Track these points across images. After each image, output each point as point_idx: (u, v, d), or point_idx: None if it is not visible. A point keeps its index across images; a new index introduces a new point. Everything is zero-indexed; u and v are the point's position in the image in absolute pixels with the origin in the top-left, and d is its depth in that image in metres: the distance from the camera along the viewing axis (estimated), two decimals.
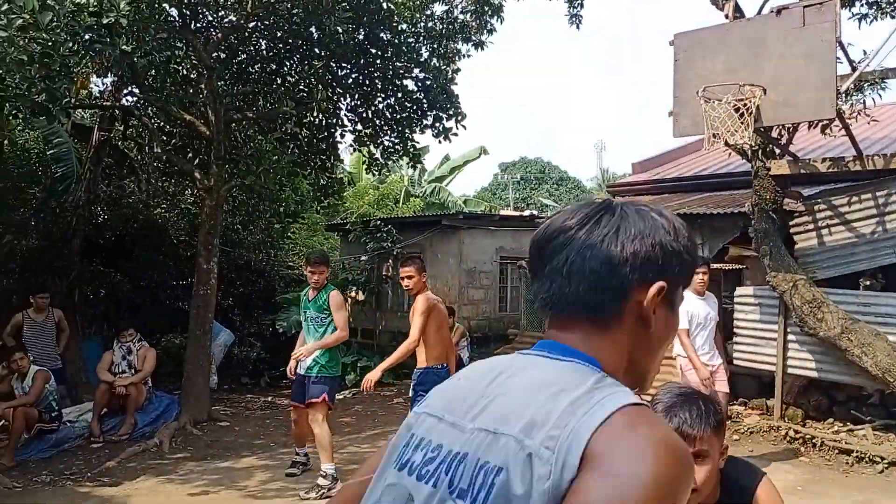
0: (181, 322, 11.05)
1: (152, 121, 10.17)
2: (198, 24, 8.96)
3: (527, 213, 18.61)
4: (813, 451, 6.90)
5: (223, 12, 8.84)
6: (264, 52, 9.82)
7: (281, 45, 9.55)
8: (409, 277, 5.52)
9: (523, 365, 1.03)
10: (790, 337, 7.60)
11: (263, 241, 13.30)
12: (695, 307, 6.30)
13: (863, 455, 6.58)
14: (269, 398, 10.06)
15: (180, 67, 9.69)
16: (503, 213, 19.20)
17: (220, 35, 8.90)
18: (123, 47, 7.70)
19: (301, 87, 9.69)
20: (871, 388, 7.36)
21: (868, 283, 7.95)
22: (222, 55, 9.22)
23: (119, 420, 7.92)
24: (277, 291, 12.83)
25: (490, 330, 12.85)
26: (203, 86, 9.00)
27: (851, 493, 5.75)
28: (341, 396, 10.09)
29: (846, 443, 6.83)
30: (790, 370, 7.65)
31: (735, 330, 8.27)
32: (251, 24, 9.02)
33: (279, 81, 9.94)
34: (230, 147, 9.55)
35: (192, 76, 9.83)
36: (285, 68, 9.90)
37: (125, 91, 10.20)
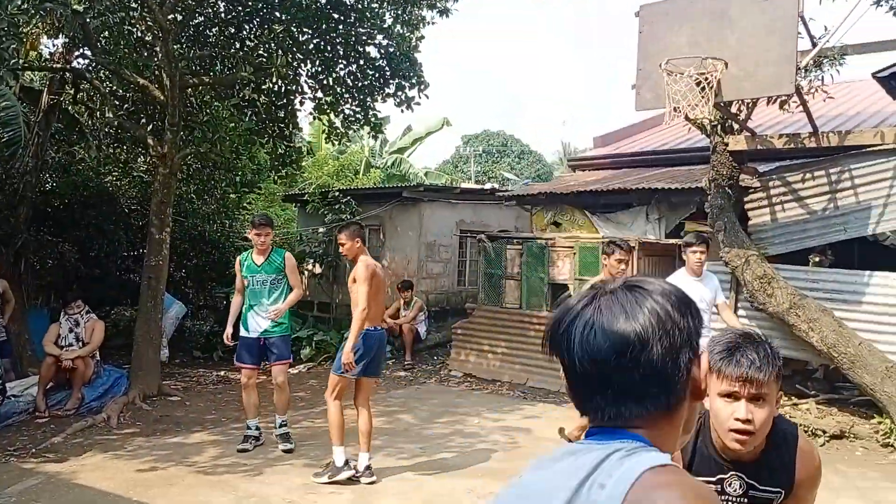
0: (132, 294, 10.79)
1: (104, 84, 9.80)
2: None
3: (488, 185, 18.57)
4: None
5: None
6: (223, 14, 9.50)
7: (240, 8, 9.25)
8: (342, 244, 5.59)
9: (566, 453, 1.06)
10: (740, 312, 7.72)
11: (218, 212, 12.98)
12: (687, 290, 6.01)
13: (806, 428, 6.75)
14: (222, 372, 9.88)
15: (134, 29, 9.35)
16: (464, 185, 19.11)
17: None
18: (75, 7, 7.39)
19: (260, 51, 9.42)
20: (817, 363, 7.56)
21: (818, 259, 8.13)
22: (179, 17, 8.89)
23: (65, 394, 7.69)
24: (232, 264, 12.56)
25: (448, 304, 12.82)
26: (158, 49, 8.68)
27: None
28: (296, 371, 9.99)
29: (790, 416, 6.99)
30: None
31: None
32: None
33: (237, 46, 9.65)
34: (185, 113, 9.26)
35: (146, 39, 9.48)
36: (244, 32, 9.61)
37: (76, 53, 9.80)
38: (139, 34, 9.45)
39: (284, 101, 10.16)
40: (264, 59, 9.12)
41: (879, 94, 10.88)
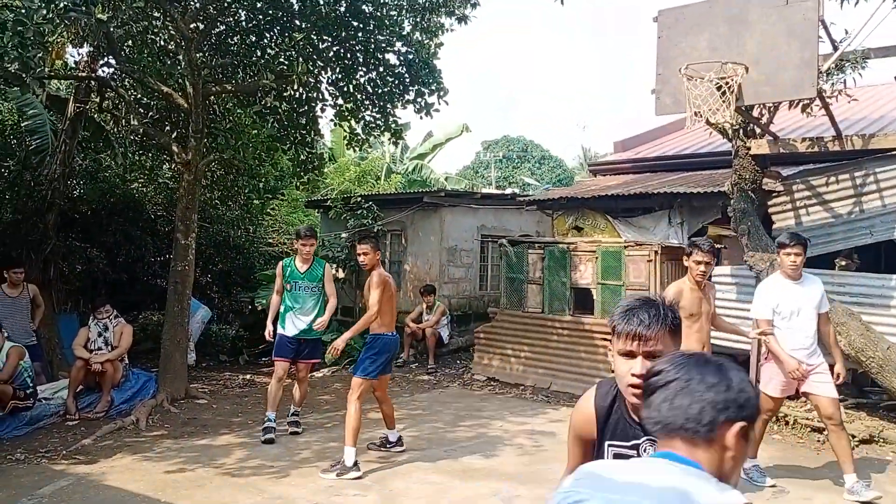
0: (159, 298, 10.95)
1: (129, 93, 9.98)
2: None
3: (508, 191, 18.57)
4: (786, 429, 7.00)
5: None
6: (244, 23, 9.62)
7: (261, 17, 9.37)
8: (365, 254, 6.05)
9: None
10: None
11: (242, 217, 13.16)
12: (782, 295, 5.30)
13: None
14: (248, 376, 10.00)
15: (158, 38, 9.52)
16: (485, 191, 19.16)
17: (198, 5, 8.72)
18: (99, 16, 7.54)
19: (281, 59, 9.53)
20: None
21: (843, 263, 8.05)
22: (201, 26, 9.02)
23: (95, 397, 7.82)
24: (256, 268, 12.74)
25: (470, 308, 12.86)
26: (181, 57, 8.84)
27: (822, 471, 5.85)
28: (320, 374, 10.08)
29: (818, 421, 6.91)
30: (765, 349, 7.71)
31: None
32: None
33: (259, 54, 9.77)
34: (208, 120, 9.40)
35: (169, 47, 9.64)
36: (265, 40, 9.73)
37: (101, 62, 9.99)
38: (162, 43, 9.61)
39: (306, 107, 10.27)
40: (285, 67, 9.23)
41: None
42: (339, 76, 9.90)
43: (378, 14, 9.17)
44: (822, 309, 5.38)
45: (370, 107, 10.13)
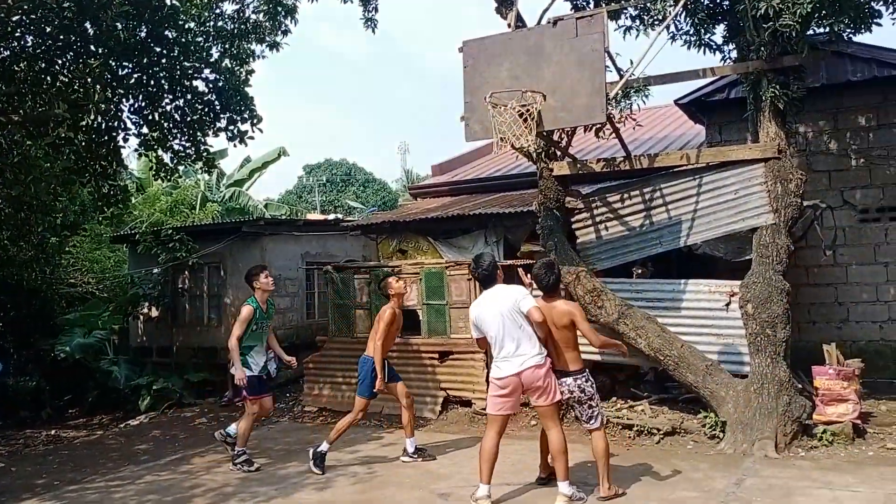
0: None
1: None
2: None
3: (332, 217, 18.48)
4: None
5: None
6: (31, 48, 8.85)
7: (51, 42, 8.67)
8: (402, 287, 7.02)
9: None
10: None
11: (37, 258, 11.98)
12: None
13: (642, 428, 7.27)
14: (53, 431, 9.11)
15: None
16: (309, 217, 18.91)
17: None
18: None
19: (76, 87, 8.86)
20: (647, 367, 8.16)
21: (640, 271, 8.81)
22: None
23: None
24: (57, 312, 11.65)
25: (298, 338, 12.56)
26: None
27: (634, 464, 6.33)
28: (136, 422, 9.40)
29: (627, 418, 7.51)
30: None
31: None
32: (14, 18, 8.10)
33: (49, 81, 9.02)
34: None
35: None
36: (56, 67, 9.00)
37: None
38: None
39: (106, 138, 9.60)
40: (80, 95, 8.59)
41: (683, 119, 12.07)
42: (143, 104, 9.39)
43: (183, 40, 8.83)
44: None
45: (179, 135, 9.68)
